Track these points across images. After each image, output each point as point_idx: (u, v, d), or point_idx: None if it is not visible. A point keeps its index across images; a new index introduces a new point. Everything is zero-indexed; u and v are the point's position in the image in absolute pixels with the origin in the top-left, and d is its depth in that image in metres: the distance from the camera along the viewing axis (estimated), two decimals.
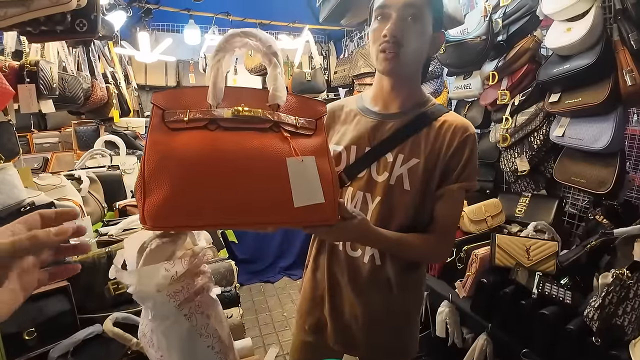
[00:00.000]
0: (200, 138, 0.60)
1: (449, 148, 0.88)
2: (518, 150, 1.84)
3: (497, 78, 1.86)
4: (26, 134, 2.82)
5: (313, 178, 0.65)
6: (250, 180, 0.60)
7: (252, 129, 0.63)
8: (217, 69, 0.64)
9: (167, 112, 0.62)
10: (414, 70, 0.93)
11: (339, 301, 1.02)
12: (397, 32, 0.83)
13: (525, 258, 1.53)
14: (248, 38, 0.65)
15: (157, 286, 0.75)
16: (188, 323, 0.82)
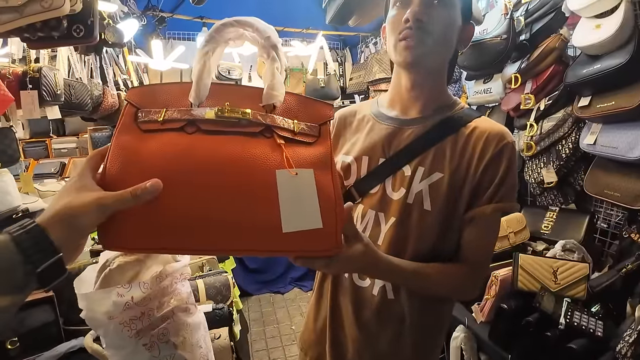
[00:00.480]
0: (172, 144, 0.51)
1: (480, 160, 0.73)
2: (544, 160, 1.69)
3: (520, 81, 1.72)
4: (45, 139, 2.89)
5: (309, 196, 0.51)
6: (228, 197, 0.49)
7: (238, 133, 0.52)
8: (204, 62, 0.54)
9: (141, 111, 0.53)
10: (440, 65, 0.78)
11: (341, 337, 0.87)
12: (422, 15, 0.70)
13: (552, 281, 1.37)
14: (243, 28, 0.56)
15: (108, 313, 0.67)
16: (149, 354, 0.73)
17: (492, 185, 0.73)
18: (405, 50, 0.73)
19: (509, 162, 0.73)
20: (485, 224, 0.75)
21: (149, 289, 0.73)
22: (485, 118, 0.79)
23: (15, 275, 0.39)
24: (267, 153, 0.52)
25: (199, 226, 0.48)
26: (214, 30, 0.56)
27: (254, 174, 0.50)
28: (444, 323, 0.89)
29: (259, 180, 0.50)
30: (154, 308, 0.75)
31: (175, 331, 0.78)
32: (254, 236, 0.50)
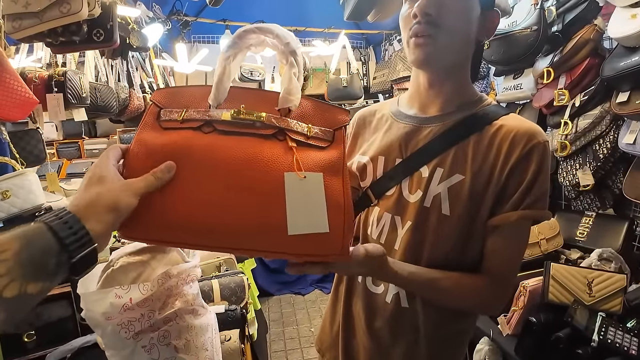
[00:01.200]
0: (195, 140, 0.55)
1: (506, 162, 0.66)
2: (580, 161, 1.58)
3: (553, 75, 1.60)
4: (78, 141, 3.04)
5: (317, 200, 0.52)
6: (236, 195, 0.51)
7: (253, 134, 0.54)
8: (225, 67, 0.57)
9: (164, 111, 0.57)
10: (458, 59, 0.71)
11: (353, 344, 0.84)
12: (429, 7, 0.64)
13: (586, 294, 1.26)
14: (264, 34, 0.58)
15: (105, 314, 0.67)
16: (147, 356, 0.72)
17: (518, 190, 0.66)
18: (416, 48, 0.68)
19: (540, 164, 0.66)
20: (511, 232, 0.68)
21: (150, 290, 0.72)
22: (514, 115, 0.71)
23: (48, 262, 0.40)
24: (278, 155, 0.53)
25: (206, 222, 0.50)
26: (237, 36, 0.58)
27: (264, 174, 0.51)
28: (465, 337, 0.82)
29: (268, 181, 0.51)
30: (155, 310, 0.75)
31: (177, 334, 0.77)
32: (259, 236, 0.51)
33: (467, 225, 0.69)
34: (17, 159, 1.39)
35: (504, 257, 0.69)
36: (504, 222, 0.67)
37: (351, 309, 0.84)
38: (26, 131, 1.52)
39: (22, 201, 1.32)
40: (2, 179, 1.31)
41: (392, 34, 3.28)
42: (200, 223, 0.50)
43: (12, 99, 1.32)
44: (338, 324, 0.87)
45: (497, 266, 0.69)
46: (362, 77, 3.59)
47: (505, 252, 0.69)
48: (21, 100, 1.34)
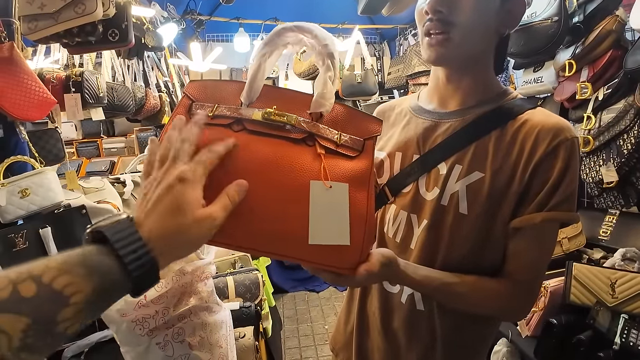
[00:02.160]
0: (217, 138, 0.52)
1: (530, 159, 0.62)
2: (603, 157, 1.52)
3: (575, 68, 1.54)
4: (96, 140, 3.11)
5: (340, 211, 0.51)
6: (261, 196, 0.49)
7: (282, 137, 0.52)
8: (260, 64, 0.55)
9: (196, 104, 0.55)
10: (476, 53, 0.68)
11: (367, 345, 0.82)
12: (441, 4, 0.62)
13: (609, 295, 1.21)
14: (303, 34, 0.56)
15: (119, 311, 0.68)
16: (162, 353, 0.73)
17: (543, 190, 0.62)
18: (429, 47, 0.65)
19: (567, 162, 0.61)
20: (535, 235, 0.64)
21: (164, 287, 0.73)
22: (541, 109, 0.67)
23: (114, 301, 0.38)
24: (306, 161, 0.52)
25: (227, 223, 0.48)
26: (275, 33, 0.56)
27: (290, 180, 0.50)
28: (485, 343, 0.79)
29: (293, 187, 0.50)
30: (169, 307, 0.75)
31: (191, 331, 0.78)
32: (280, 240, 0.50)
33: (486, 226, 0.65)
34: (37, 158, 1.42)
35: (527, 261, 0.65)
36: (528, 224, 0.63)
37: (366, 308, 0.82)
38: (45, 130, 1.56)
39: (41, 199, 1.35)
40: (21, 177, 1.33)
41: (406, 28, 3.23)
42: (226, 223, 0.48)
43: (30, 99, 1.35)
44: (352, 323, 0.85)
45: (520, 270, 0.65)
46: (377, 73, 3.55)
47: (529, 255, 0.65)
48: (39, 101, 1.37)
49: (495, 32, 0.67)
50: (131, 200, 1.90)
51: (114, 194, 1.73)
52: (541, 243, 0.65)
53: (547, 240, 0.66)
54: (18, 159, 1.37)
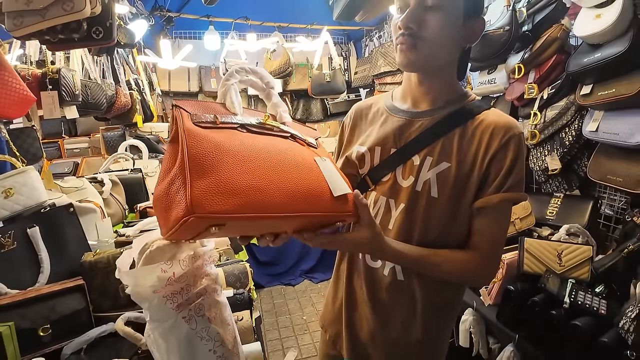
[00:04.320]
0: (239, 135, 0.63)
1: (487, 151, 0.76)
2: (548, 148, 1.72)
3: (523, 71, 1.74)
4: (58, 140, 2.96)
5: (336, 173, 0.71)
6: (292, 173, 0.62)
7: (277, 135, 0.70)
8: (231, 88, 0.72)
9: (194, 115, 0.63)
10: (442, 64, 0.80)
11: (356, 316, 0.93)
12: (411, 22, 0.73)
13: (557, 264, 1.42)
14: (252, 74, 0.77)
15: (153, 287, 0.74)
16: (187, 326, 0.80)
17: (499, 176, 0.75)
18: (400, 54, 0.78)
19: (516, 153, 0.75)
20: (494, 213, 0.78)
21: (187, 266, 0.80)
22: (494, 110, 0.81)
23: None
24: (301, 148, 0.71)
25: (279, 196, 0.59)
26: (235, 70, 0.75)
27: (301, 158, 0.67)
28: (455, 307, 0.93)
29: (306, 164, 0.67)
30: (190, 284, 0.82)
31: (208, 307, 0.85)
32: (316, 201, 0.64)
33: (453, 207, 0.78)
34: (18, 157, 1.39)
35: (489, 235, 0.78)
36: (487, 204, 0.76)
37: (353, 284, 0.93)
38: (22, 129, 1.51)
39: (26, 198, 1.32)
40: (4, 177, 1.30)
41: (372, 30, 3.38)
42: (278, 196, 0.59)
43: (11, 96, 1.32)
44: (340, 300, 0.96)
45: (484, 243, 0.78)
46: (344, 72, 3.68)
47: (491, 230, 0.78)
48: (19, 98, 1.35)
49: (458, 46, 0.81)
50: (110, 199, 1.88)
51: (95, 193, 1.71)
52: (499, 219, 0.80)
53: (504, 217, 0.81)
54: (0, 158, 1.34)
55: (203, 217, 0.52)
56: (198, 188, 0.52)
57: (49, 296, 1.13)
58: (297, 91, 3.82)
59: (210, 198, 0.52)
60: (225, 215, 0.53)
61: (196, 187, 0.52)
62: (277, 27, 3.20)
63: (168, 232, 0.58)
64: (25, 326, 1.07)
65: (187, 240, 0.78)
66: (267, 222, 0.61)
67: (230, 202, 0.54)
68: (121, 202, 1.94)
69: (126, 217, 1.94)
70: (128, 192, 2.01)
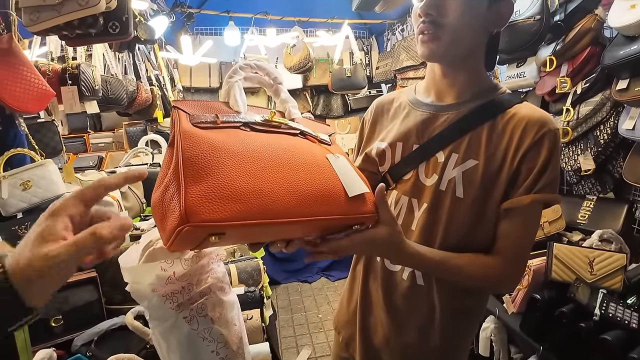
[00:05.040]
0: (240, 134, 0.58)
1: (518, 148, 0.70)
2: (581, 146, 1.63)
3: (555, 64, 1.64)
4: (83, 135, 3.05)
5: (352, 171, 0.65)
6: (300, 173, 0.58)
7: (284, 133, 0.64)
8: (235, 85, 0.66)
9: (193, 116, 0.58)
10: (466, 52, 0.74)
11: (371, 320, 0.89)
12: (430, 8, 0.69)
13: (588, 272, 1.32)
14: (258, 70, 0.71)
15: (151, 285, 0.72)
16: (188, 326, 0.77)
17: (531, 175, 0.69)
18: (421, 45, 0.72)
19: (551, 151, 0.69)
20: (524, 215, 0.71)
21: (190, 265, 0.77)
22: (527, 104, 0.74)
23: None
24: (311, 145, 0.65)
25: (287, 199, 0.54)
26: (238, 66, 0.69)
27: (312, 157, 0.61)
28: (477, 314, 0.87)
29: (316, 163, 0.61)
30: (193, 283, 0.80)
31: (212, 307, 0.82)
32: (329, 203, 0.58)
33: (480, 208, 0.72)
34: (36, 150, 1.42)
35: (516, 239, 0.72)
36: (518, 205, 0.70)
37: (369, 287, 0.88)
38: (42, 123, 1.55)
39: (44, 191, 1.35)
40: (23, 169, 1.33)
41: (394, 23, 3.29)
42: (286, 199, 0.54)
43: (30, 91, 1.34)
44: (355, 302, 0.92)
45: (510, 247, 0.72)
46: (365, 67, 3.61)
47: (518, 233, 0.72)
48: (38, 93, 1.37)
49: (484, 32, 0.74)
50: (128, 192, 1.91)
51: None
52: (529, 222, 0.73)
53: (534, 220, 0.74)
54: (18, 151, 1.37)
55: (199, 226, 0.47)
56: (192, 194, 0.48)
57: (62, 287, 1.15)
58: (318, 87, 3.78)
59: (206, 205, 0.48)
60: (223, 223, 0.48)
61: (191, 193, 0.48)
62: (297, 21, 3.16)
63: (167, 242, 0.53)
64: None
65: (192, 250, 0.74)
66: (273, 228, 0.56)
67: (229, 209, 0.49)
68: (139, 195, 1.96)
69: (143, 211, 1.96)
70: (146, 186, 2.03)
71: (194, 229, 0.47)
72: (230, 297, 0.91)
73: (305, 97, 3.89)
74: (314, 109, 3.91)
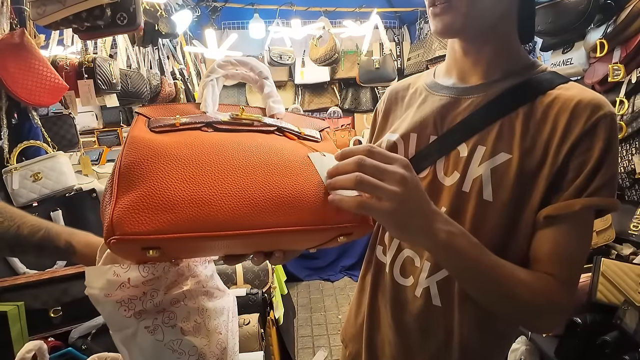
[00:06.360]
0: (194, 136, 0.53)
1: (565, 138, 0.55)
2: (636, 145, 1.42)
3: (606, 48, 1.43)
4: (116, 129, 3.17)
5: None
6: (264, 176, 0.50)
7: (254, 130, 0.57)
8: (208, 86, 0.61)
9: (153, 120, 0.55)
10: (491, 20, 0.59)
11: (378, 338, 0.77)
12: None
13: (638, 294, 1.12)
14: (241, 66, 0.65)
15: (102, 290, 0.66)
16: (151, 337, 0.71)
17: (582, 173, 0.54)
18: (434, 18, 0.59)
19: (608, 142, 0.53)
20: (573, 225, 0.55)
21: (151, 274, 0.70)
22: (574, 84, 0.59)
23: None
24: (287, 143, 0.57)
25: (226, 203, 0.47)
26: (217, 65, 0.64)
27: (280, 156, 0.53)
28: (506, 344, 0.72)
29: (294, 162, 0.53)
30: (158, 289, 0.73)
31: (185, 315, 0.75)
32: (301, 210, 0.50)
33: (513, 215, 0.58)
34: (49, 143, 1.45)
35: (566, 255, 0.55)
36: (566, 212, 0.54)
37: (376, 302, 0.76)
38: (59, 116, 1.58)
39: (54, 182, 1.37)
40: (33, 161, 1.37)
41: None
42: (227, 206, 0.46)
43: (42, 84, 1.37)
44: (363, 315, 0.80)
45: (559, 267, 0.55)
46: (396, 59, 3.43)
47: (568, 248, 0.55)
48: (51, 86, 1.39)
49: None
50: None
51: None
52: (580, 234, 0.56)
53: (586, 231, 0.57)
54: (31, 143, 1.40)
55: (124, 239, 0.43)
56: (121, 204, 0.44)
57: (63, 279, 1.15)
58: (346, 79, 3.66)
59: (132, 216, 0.43)
60: (153, 236, 0.43)
61: (119, 203, 0.44)
62: (324, 11, 3.05)
63: None
64: (36, 306, 1.11)
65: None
66: (225, 241, 0.48)
67: (160, 220, 0.44)
68: None
69: None
70: None
71: (120, 242, 0.43)
72: (219, 303, 0.83)
73: (333, 90, 3.79)
74: (342, 103, 3.80)
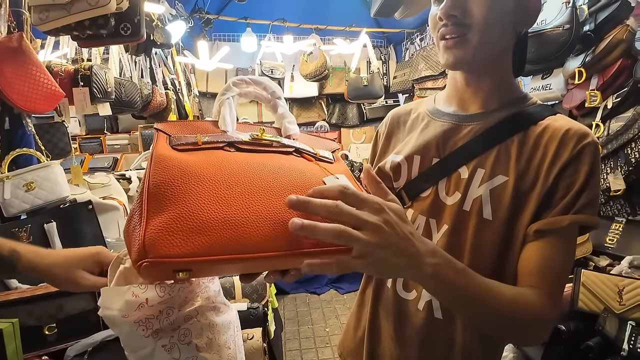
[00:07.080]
0: (220, 156, 0.53)
1: (554, 162, 0.61)
2: (611, 165, 1.52)
3: (585, 76, 1.54)
4: (100, 136, 3.10)
5: None
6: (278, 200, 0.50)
7: (273, 151, 0.58)
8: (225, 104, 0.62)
9: (174, 137, 0.54)
10: (494, 55, 0.66)
11: (379, 351, 0.78)
12: (453, 9, 0.61)
13: (617, 302, 1.20)
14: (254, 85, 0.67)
15: (121, 312, 0.65)
16: (168, 355, 0.70)
17: (569, 193, 0.60)
18: (445, 51, 0.64)
19: (592, 166, 0.60)
20: (562, 239, 0.60)
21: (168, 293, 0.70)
22: (562, 116, 0.66)
23: None
24: (306, 165, 0.58)
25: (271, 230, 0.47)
26: (232, 83, 0.66)
27: (305, 180, 0.54)
28: (500, 355, 0.76)
29: (310, 184, 0.54)
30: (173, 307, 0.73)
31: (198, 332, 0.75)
32: None
33: (510, 232, 0.63)
34: (43, 151, 1.41)
35: (557, 267, 0.60)
36: (554, 228, 0.60)
37: (378, 315, 0.79)
38: (52, 124, 1.55)
39: (47, 193, 1.34)
40: (27, 170, 1.32)
41: (413, 32, 3.24)
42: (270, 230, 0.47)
43: (38, 91, 1.34)
44: (363, 329, 0.82)
45: (550, 278, 0.59)
46: (382, 77, 3.56)
47: (555, 261, 0.60)
48: (47, 93, 1.36)
49: (512, 31, 0.66)
50: (136, 196, 1.90)
51: (120, 190, 1.72)
52: (566, 248, 0.62)
53: (571, 246, 0.63)
54: (24, 151, 1.36)
55: (159, 262, 0.42)
56: (153, 226, 0.43)
57: (58, 294, 1.10)
58: (334, 95, 3.75)
59: (167, 238, 0.42)
60: (187, 259, 0.43)
61: (151, 224, 0.43)
62: (315, 29, 3.14)
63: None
64: (31, 323, 1.06)
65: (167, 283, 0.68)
66: (252, 263, 0.48)
67: (193, 242, 0.43)
68: None
69: None
70: None
71: (153, 265, 0.42)
72: (226, 317, 0.84)
73: (321, 105, 3.86)
74: (329, 118, 3.87)
